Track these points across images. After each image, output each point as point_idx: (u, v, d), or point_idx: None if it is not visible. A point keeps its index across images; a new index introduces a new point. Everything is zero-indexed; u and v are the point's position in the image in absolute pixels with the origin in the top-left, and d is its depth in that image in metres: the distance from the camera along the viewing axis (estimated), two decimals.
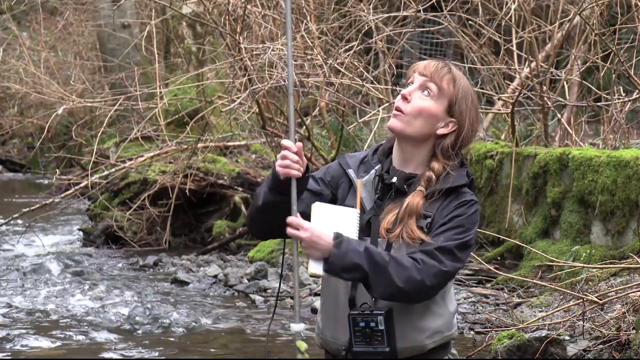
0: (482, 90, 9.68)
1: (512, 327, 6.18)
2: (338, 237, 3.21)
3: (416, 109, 3.33)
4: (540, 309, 6.71)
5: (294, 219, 3.23)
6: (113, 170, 11.29)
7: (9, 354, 6.49)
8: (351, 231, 3.27)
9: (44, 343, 6.75)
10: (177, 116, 11.58)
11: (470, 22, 9.37)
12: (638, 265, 6.34)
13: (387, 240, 3.30)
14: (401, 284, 3.17)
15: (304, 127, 9.87)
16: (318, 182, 3.44)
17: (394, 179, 3.36)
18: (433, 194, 3.31)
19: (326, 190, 3.43)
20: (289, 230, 3.23)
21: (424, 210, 3.29)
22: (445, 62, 3.38)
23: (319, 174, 3.47)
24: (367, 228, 3.33)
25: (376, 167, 3.42)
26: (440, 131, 3.36)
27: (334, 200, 3.43)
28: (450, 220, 3.28)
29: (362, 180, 3.39)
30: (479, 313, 7.13)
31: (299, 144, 3.25)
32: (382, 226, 3.31)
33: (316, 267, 3.23)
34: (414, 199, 3.30)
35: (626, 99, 8.44)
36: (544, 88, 8.74)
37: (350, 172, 3.42)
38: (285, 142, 3.24)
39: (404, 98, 3.34)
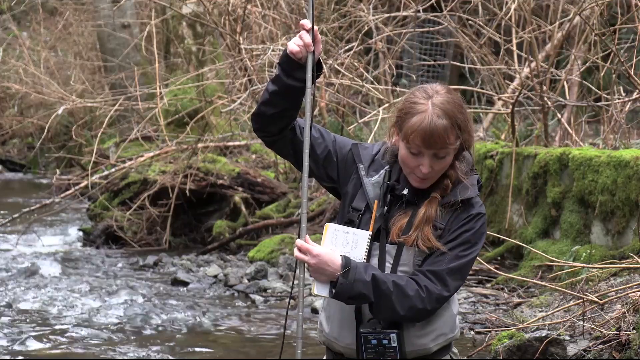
0: (482, 90, 9.69)
1: (512, 327, 6.18)
2: (346, 265, 3.22)
3: (440, 170, 3.30)
4: (540, 309, 6.71)
5: (303, 243, 3.25)
6: (113, 170, 11.29)
7: (9, 354, 6.49)
8: (360, 253, 3.28)
9: (44, 343, 6.75)
10: (177, 116, 11.59)
11: (470, 22, 9.37)
12: (638, 265, 6.34)
13: (398, 246, 3.29)
14: (403, 312, 3.23)
15: None
16: (333, 142, 3.44)
17: (405, 191, 3.35)
18: (446, 204, 3.31)
19: (324, 144, 3.42)
20: (297, 254, 3.25)
21: (437, 221, 3.29)
22: (429, 107, 3.23)
23: (338, 142, 3.45)
24: (375, 235, 3.32)
25: (386, 167, 3.40)
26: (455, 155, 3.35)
27: (326, 159, 3.41)
28: (459, 236, 3.29)
29: (372, 180, 3.38)
30: (479, 313, 7.13)
31: (317, 28, 3.29)
32: (393, 231, 3.31)
33: (322, 290, 3.27)
34: (431, 207, 3.30)
35: (626, 99, 8.44)
36: (544, 88, 8.74)
37: (361, 168, 3.40)
38: (304, 21, 3.30)
39: (428, 174, 3.28)
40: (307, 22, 3.30)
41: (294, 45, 3.28)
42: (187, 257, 9.96)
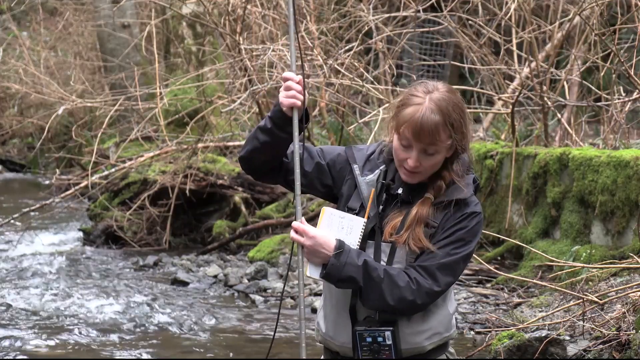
0: (482, 90, 9.69)
1: (512, 327, 6.18)
2: (340, 247, 3.24)
3: (429, 167, 3.29)
4: (540, 309, 6.71)
5: (299, 225, 3.28)
6: (113, 170, 11.29)
7: (9, 354, 6.49)
8: (354, 239, 3.29)
9: (44, 343, 6.75)
10: (177, 116, 11.59)
11: (470, 22, 9.37)
12: (638, 265, 6.34)
13: (392, 244, 3.29)
14: (392, 302, 3.22)
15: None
16: (319, 155, 3.45)
17: (400, 190, 3.35)
18: (440, 203, 3.30)
19: (309, 157, 3.43)
20: (293, 235, 3.29)
21: (430, 219, 3.29)
22: (425, 101, 3.24)
23: (326, 151, 3.47)
24: (370, 234, 3.33)
25: (381, 167, 3.40)
26: (448, 154, 3.33)
27: (321, 172, 3.43)
28: (453, 234, 3.28)
29: (366, 179, 3.38)
30: (479, 313, 7.13)
31: (300, 77, 3.29)
32: (386, 230, 3.31)
33: (314, 272, 3.30)
34: (423, 208, 3.29)
35: (626, 99, 8.44)
36: (544, 88, 8.74)
37: (355, 168, 3.41)
38: (287, 74, 3.29)
39: (415, 168, 3.27)
40: (293, 76, 3.30)
41: (288, 100, 3.29)
42: (187, 257, 9.96)
